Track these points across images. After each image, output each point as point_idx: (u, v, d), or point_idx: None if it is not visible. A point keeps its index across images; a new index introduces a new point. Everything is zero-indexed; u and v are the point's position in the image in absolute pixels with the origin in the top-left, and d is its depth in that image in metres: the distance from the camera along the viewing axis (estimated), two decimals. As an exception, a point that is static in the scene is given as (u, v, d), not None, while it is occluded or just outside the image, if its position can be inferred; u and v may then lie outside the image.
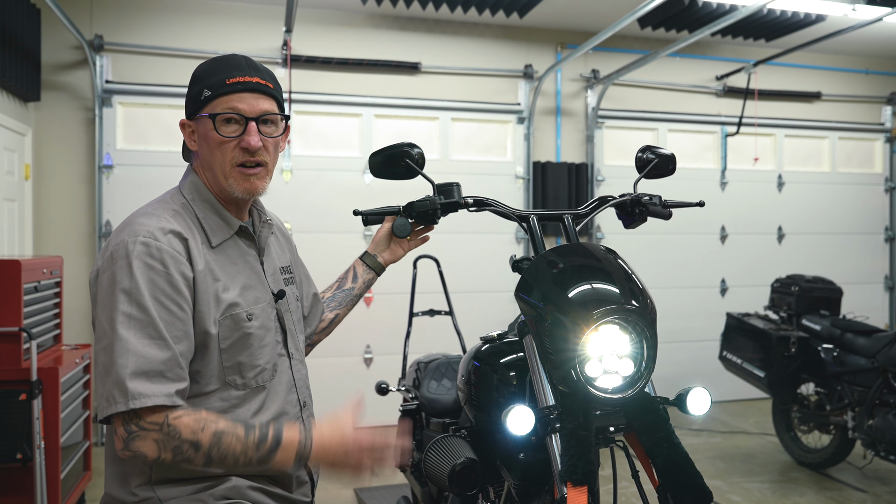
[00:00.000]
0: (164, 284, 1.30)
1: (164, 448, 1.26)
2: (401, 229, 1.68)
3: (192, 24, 4.83)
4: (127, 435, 1.26)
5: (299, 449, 1.32)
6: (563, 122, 5.59)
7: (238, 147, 1.40)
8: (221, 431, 1.28)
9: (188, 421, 1.27)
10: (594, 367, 1.35)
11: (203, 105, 1.40)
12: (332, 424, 1.35)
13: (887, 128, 6.38)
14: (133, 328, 1.27)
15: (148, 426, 1.26)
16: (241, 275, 1.45)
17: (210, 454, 1.27)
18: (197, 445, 1.27)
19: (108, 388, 1.25)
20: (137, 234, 1.33)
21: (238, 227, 1.48)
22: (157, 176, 4.61)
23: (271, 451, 1.30)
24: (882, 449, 3.58)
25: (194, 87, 1.43)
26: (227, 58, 1.44)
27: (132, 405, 1.23)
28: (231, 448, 1.28)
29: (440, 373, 2.53)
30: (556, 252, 1.48)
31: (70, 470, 3.12)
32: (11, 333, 2.81)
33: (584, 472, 1.30)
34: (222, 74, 1.40)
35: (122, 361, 1.25)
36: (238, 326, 1.40)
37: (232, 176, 1.42)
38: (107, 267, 1.32)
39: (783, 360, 3.92)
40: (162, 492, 1.35)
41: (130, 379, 1.24)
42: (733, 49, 5.93)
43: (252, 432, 1.30)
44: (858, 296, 6.03)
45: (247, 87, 1.40)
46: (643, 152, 1.76)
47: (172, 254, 1.33)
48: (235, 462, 1.29)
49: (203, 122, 1.41)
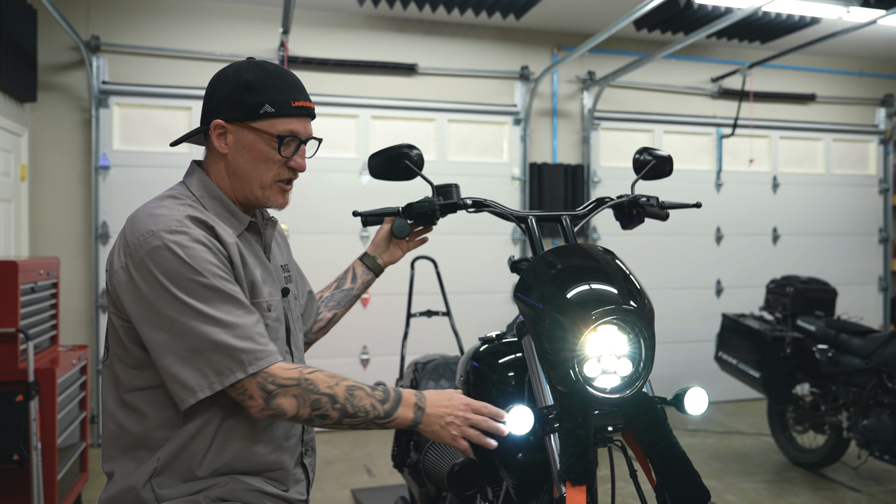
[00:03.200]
0: (216, 262, 1.33)
1: (304, 402, 1.31)
2: (400, 230, 1.69)
3: (189, 26, 4.83)
4: (266, 394, 1.29)
5: (417, 402, 1.37)
6: (559, 124, 5.60)
7: (285, 166, 1.44)
8: (354, 385, 1.34)
9: (322, 376, 1.33)
10: (593, 368, 1.35)
11: (260, 118, 1.40)
12: (436, 391, 1.43)
13: (881, 129, 6.42)
14: (213, 306, 1.29)
15: (286, 382, 1.30)
16: (257, 267, 1.47)
17: (345, 408, 1.32)
18: (334, 399, 1.32)
19: (215, 362, 1.28)
20: (167, 224, 1.32)
21: (248, 222, 1.49)
22: (154, 177, 4.60)
23: (395, 405, 1.36)
24: (876, 449, 3.60)
25: (249, 96, 1.39)
26: (286, 75, 1.44)
27: (252, 369, 1.28)
28: (363, 402, 1.33)
29: (438, 373, 2.53)
30: (555, 253, 1.48)
31: (67, 471, 3.11)
32: (8, 334, 2.81)
33: (582, 471, 1.31)
34: (286, 94, 1.41)
35: (223, 337, 1.28)
36: (261, 315, 1.42)
37: (272, 190, 1.46)
38: (139, 261, 1.30)
39: (778, 361, 3.94)
40: (161, 492, 1.35)
41: (240, 346, 1.28)
42: (728, 51, 5.96)
43: (375, 389, 1.36)
44: (853, 297, 6.07)
45: (308, 112, 1.45)
46: (640, 154, 1.76)
47: (206, 235, 1.34)
48: (366, 416, 1.34)
49: (255, 134, 1.41)
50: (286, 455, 1.48)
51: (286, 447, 1.48)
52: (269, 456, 1.45)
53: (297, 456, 1.53)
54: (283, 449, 1.47)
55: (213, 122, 1.42)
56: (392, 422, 1.35)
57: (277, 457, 1.46)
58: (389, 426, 1.36)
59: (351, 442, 4.64)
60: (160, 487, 1.35)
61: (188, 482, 1.37)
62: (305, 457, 1.57)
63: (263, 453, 1.44)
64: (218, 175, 1.47)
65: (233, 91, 1.41)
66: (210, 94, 1.45)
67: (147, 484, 1.35)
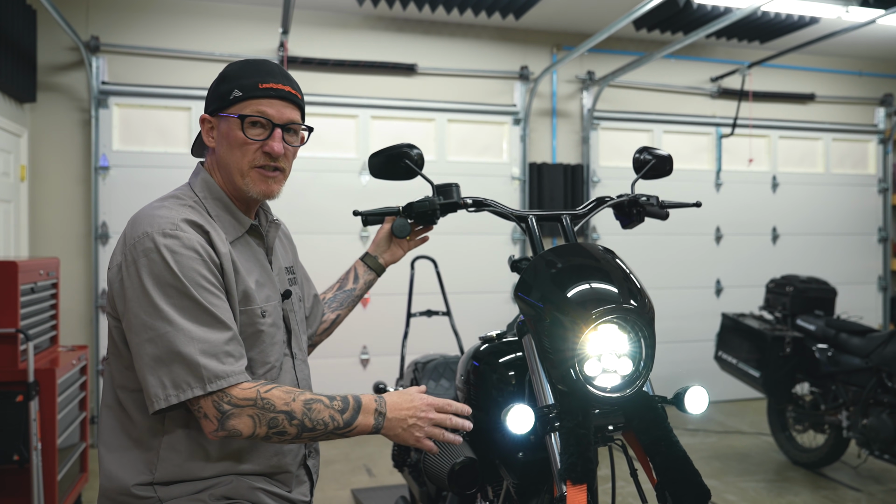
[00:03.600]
0: (203, 271, 1.32)
1: (260, 422, 1.28)
2: (400, 230, 1.69)
3: (189, 26, 4.82)
4: (221, 415, 1.27)
5: (377, 407, 1.36)
6: (558, 124, 5.60)
7: (260, 150, 1.42)
8: (311, 399, 1.32)
9: (279, 393, 1.30)
10: (593, 367, 1.36)
11: (231, 104, 1.41)
12: (398, 392, 1.43)
13: (880, 129, 6.42)
14: (187, 317, 1.28)
15: (242, 402, 1.28)
16: (254, 271, 1.47)
17: (303, 423, 1.30)
18: (291, 415, 1.30)
19: (175, 375, 1.26)
20: (162, 226, 1.32)
21: (249, 225, 1.49)
22: (154, 177, 4.61)
23: (355, 414, 1.34)
24: (876, 448, 3.60)
25: (223, 85, 1.42)
26: (261, 62, 1.45)
27: (210, 388, 1.26)
28: (321, 415, 1.32)
29: (438, 373, 2.53)
30: (555, 252, 1.48)
31: (67, 472, 3.11)
32: (8, 335, 2.81)
33: (583, 470, 1.31)
34: (255, 78, 1.41)
35: (189, 349, 1.26)
36: (252, 322, 1.42)
37: (249, 176, 1.43)
38: (132, 261, 1.31)
39: (778, 360, 3.94)
40: (162, 491, 1.35)
41: (203, 362, 1.26)
42: (728, 51, 5.96)
43: (334, 399, 1.34)
44: (852, 296, 6.07)
45: (278, 94, 1.42)
46: (640, 153, 1.77)
47: (200, 241, 1.34)
48: (325, 429, 1.32)
49: (228, 121, 1.42)
50: (288, 457, 1.49)
51: (288, 450, 1.48)
52: (271, 459, 1.45)
53: (300, 458, 1.53)
54: (284, 452, 1.47)
55: (200, 117, 1.46)
56: (353, 430, 1.34)
57: (279, 459, 1.46)
58: (351, 435, 1.35)
59: (351, 442, 4.64)
60: (162, 486, 1.35)
61: (191, 481, 1.37)
62: (309, 458, 1.57)
63: (265, 456, 1.44)
64: (213, 171, 1.48)
65: (213, 85, 1.45)
66: None
67: (149, 483, 1.35)
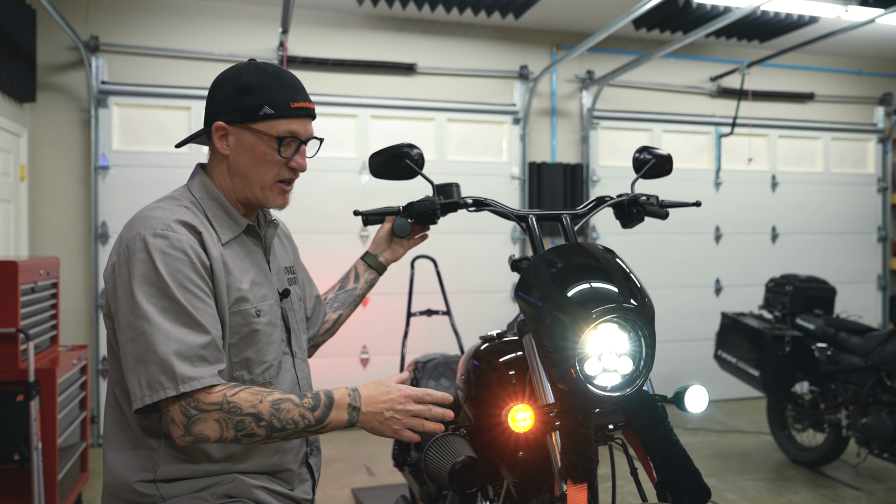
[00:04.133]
0: (189, 272, 1.32)
1: (227, 426, 1.28)
2: (401, 229, 1.69)
3: (188, 25, 4.82)
4: (187, 420, 1.27)
5: (350, 401, 1.35)
6: (558, 123, 5.60)
7: (286, 166, 1.45)
8: (279, 399, 1.30)
9: (245, 395, 1.29)
10: (593, 366, 1.36)
11: (259, 120, 1.41)
12: (375, 382, 1.40)
13: (880, 128, 6.42)
14: (167, 317, 1.28)
15: (208, 407, 1.27)
16: (249, 271, 1.47)
17: (272, 424, 1.29)
18: (258, 417, 1.28)
19: (151, 375, 1.26)
20: (154, 226, 1.33)
21: (246, 225, 1.50)
22: (153, 177, 4.61)
23: (327, 410, 1.33)
24: (876, 447, 3.61)
25: (248, 97, 1.41)
26: (285, 76, 1.45)
27: (182, 389, 1.25)
28: (290, 414, 1.30)
29: (438, 372, 2.54)
30: (555, 251, 1.49)
31: (67, 471, 3.12)
32: (8, 335, 2.81)
33: (583, 469, 1.31)
34: (285, 95, 1.41)
35: (164, 349, 1.26)
36: (247, 322, 1.42)
37: (272, 190, 1.46)
38: (124, 260, 1.33)
39: (777, 360, 3.95)
40: (164, 489, 1.36)
41: (176, 364, 1.25)
42: (727, 50, 5.97)
43: (304, 397, 1.33)
44: (852, 295, 6.07)
45: (308, 113, 1.45)
46: (640, 153, 1.77)
47: (190, 243, 1.34)
48: (296, 428, 1.31)
49: (256, 136, 1.42)
50: (289, 456, 1.49)
51: (288, 448, 1.49)
52: (272, 457, 1.46)
53: (301, 456, 1.54)
54: (285, 450, 1.48)
55: (215, 123, 1.44)
56: (325, 427, 1.33)
57: (281, 458, 1.47)
58: (324, 432, 1.34)
59: (351, 441, 4.64)
60: (164, 484, 1.36)
61: (193, 479, 1.37)
62: (310, 457, 1.58)
63: (266, 455, 1.45)
64: (220, 176, 1.48)
65: (233, 93, 1.42)
66: (212, 96, 1.47)
67: (152, 481, 1.36)
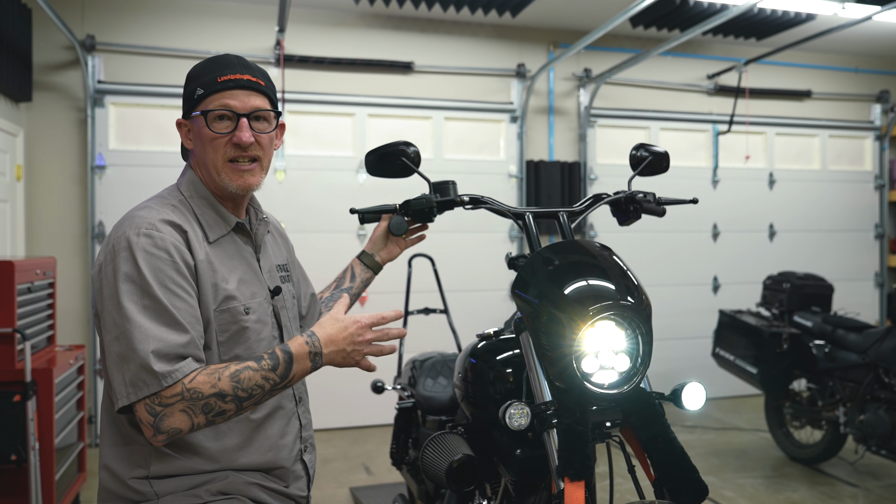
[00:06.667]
0: (171, 272, 1.32)
1: (195, 413, 1.28)
2: (397, 227, 1.69)
3: (185, 24, 4.81)
4: (154, 418, 1.26)
5: (311, 349, 1.36)
6: (555, 121, 5.60)
7: (230, 143, 1.43)
8: (236, 371, 1.31)
9: (202, 378, 1.29)
10: (590, 363, 1.36)
11: (196, 103, 1.43)
12: (326, 317, 1.42)
13: (877, 126, 6.43)
14: (148, 316, 1.28)
15: (170, 401, 1.27)
16: (237, 269, 1.47)
17: (237, 395, 1.30)
18: (222, 395, 1.29)
19: (133, 373, 1.26)
20: (138, 226, 1.34)
21: (235, 223, 1.49)
22: (150, 176, 4.60)
23: (288, 366, 1.34)
24: (873, 444, 3.61)
25: (188, 86, 1.46)
26: (220, 57, 1.47)
27: (165, 383, 1.25)
28: (252, 381, 1.31)
29: (436, 371, 2.54)
30: (552, 249, 1.48)
31: (64, 471, 3.11)
32: (5, 334, 2.80)
33: (581, 466, 1.31)
34: (214, 73, 1.43)
35: (143, 347, 1.26)
36: (235, 320, 1.42)
37: (224, 171, 1.44)
38: (110, 260, 1.33)
39: (775, 357, 3.95)
40: (158, 485, 1.36)
41: (155, 362, 1.25)
42: (724, 48, 5.97)
43: (262, 360, 1.33)
44: (849, 292, 6.09)
45: (238, 84, 1.43)
46: (637, 150, 1.77)
47: (174, 243, 1.35)
48: (263, 392, 1.32)
49: (197, 120, 1.44)
50: (283, 453, 1.49)
51: (282, 445, 1.49)
52: (266, 454, 1.46)
53: (296, 453, 1.54)
54: (279, 447, 1.48)
55: (177, 121, 1.50)
56: (292, 381, 1.36)
57: (275, 455, 1.47)
58: (293, 384, 1.37)
59: (349, 440, 4.64)
60: (158, 481, 1.36)
61: (187, 476, 1.37)
62: (305, 454, 1.58)
63: (260, 451, 1.45)
64: (197, 171, 1.50)
65: (184, 89, 1.49)
66: None
67: (145, 478, 1.36)
